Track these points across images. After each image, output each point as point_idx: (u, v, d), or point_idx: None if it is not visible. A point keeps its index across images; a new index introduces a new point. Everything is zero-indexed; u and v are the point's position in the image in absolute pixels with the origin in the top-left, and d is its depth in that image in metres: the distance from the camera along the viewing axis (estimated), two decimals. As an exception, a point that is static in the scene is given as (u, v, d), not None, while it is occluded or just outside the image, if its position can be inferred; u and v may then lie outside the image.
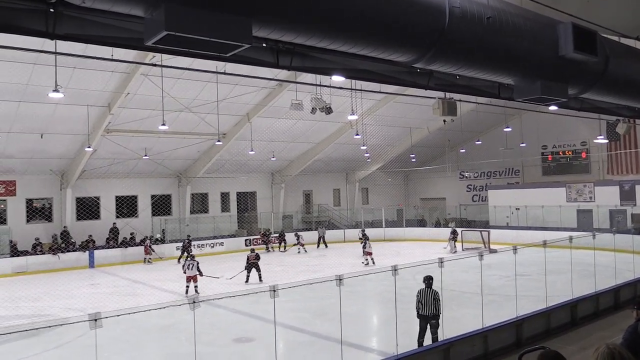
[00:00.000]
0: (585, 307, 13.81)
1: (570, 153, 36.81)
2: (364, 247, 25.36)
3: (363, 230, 31.95)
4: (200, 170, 32.05)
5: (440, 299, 10.82)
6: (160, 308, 7.85)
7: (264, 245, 32.25)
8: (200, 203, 35.34)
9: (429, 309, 10.70)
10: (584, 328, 12.90)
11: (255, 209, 37.26)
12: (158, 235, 30.68)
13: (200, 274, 18.58)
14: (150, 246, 28.34)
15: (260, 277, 20.74)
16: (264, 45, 6.29)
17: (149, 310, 7.72)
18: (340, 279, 8.80)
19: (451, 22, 6.06)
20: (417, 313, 10.89)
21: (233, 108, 26.75)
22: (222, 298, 9.74)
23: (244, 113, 28.19)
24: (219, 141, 27.95)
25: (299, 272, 23.35)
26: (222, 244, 32.07)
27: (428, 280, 10.86)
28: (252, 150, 29.54)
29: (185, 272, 18.68)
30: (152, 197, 32.51)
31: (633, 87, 9.69)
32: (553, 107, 12.31)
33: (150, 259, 28.06)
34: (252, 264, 20.86)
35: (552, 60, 7.59)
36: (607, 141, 31.78)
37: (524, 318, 11.81)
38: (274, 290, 7.74)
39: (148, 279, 22.88)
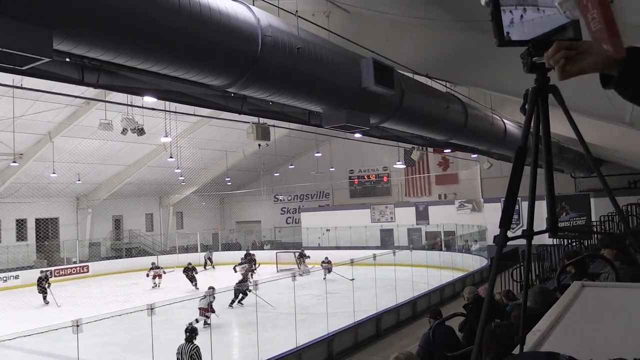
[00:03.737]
0: (388, 319, 14.94)
1: (374, 177, 39.85)
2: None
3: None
4: (-10, 195, 28.55)
5: (200, 356, 9.20)
6: None
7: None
8: (-11, 232, 31.38)
9: None
10: (387, 339, 13.92)
11: (57, 237, 34.10)
12: None
13: None
14: None
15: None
16: (68, 60, 5.87)
17: None
18: (152, 308, 8.44)
19: (263, 50, 6.25)
20: None
21: (32, 126, 24.36)
22: (15, 338, 8.71)
23: (45, 132, 25.82)
24: (14, 162, 25.16)
25: (108, 302, 21.81)
26: (17, 276, 28.65)
27: (187, 332, 9.34)
28: (54, 173, 27.10)
29: None
30: None
31: (424, 118, 10.86)
32: (358, 135, 13.29)
33: None
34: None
35: (356, 92, 8.20)
36: (404, 166, 35.12)
37: (334, 334, 12.39)
38: (77, 325, 7.14)
39: None
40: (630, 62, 1.14)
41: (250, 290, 17.04)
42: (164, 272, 26.47)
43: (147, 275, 26.51)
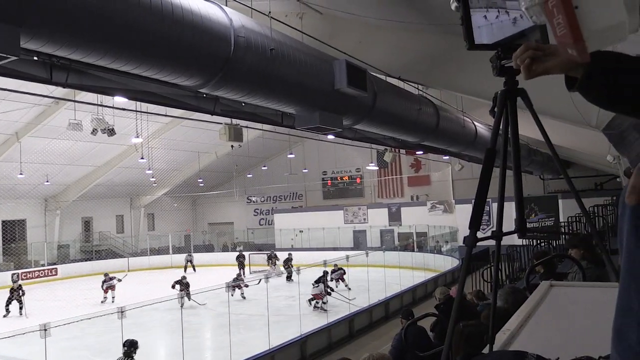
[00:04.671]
0: (361, 320, 14.99)
1: (347, 178, 39.95)
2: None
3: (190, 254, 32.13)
4: (-46, 197, 27.81)
5: None
6: None
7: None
8: (-47, 234, 30.56)
9: None
10: (360, 340, 13.96)
11: (25, 239, 33.35)
12: None
13: None
14: None
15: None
16: (36, 58, 5.74)
17: None
18: (123, 312, 8.32)
19: (236, 51, 6.22)
20: None
21: (-2, 126, 23.83)
22: (-21, 342, 8.51)
23: (12, 132, 25.24)
24: (-21, 163, 24.62)
25: (77, 305, 21.42)
26: (-18, 280, 27.95)
27: (124, 346, 8.76)
28: (21, 174, 26.51)
29: None
30: None
31: (396, 120, 10.95)
32: (331, 136, 13.33)
33: None
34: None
35: (329, 93, 8.22)
36: (377, 168, 35.32)
37: (307, 335, 12.39)
38: (45, 329, 7.00)
39: None
40: (593, 65, 1.17)
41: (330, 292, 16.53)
42: (119, 280, 22.73)
43: (103, 287, 22.81)
